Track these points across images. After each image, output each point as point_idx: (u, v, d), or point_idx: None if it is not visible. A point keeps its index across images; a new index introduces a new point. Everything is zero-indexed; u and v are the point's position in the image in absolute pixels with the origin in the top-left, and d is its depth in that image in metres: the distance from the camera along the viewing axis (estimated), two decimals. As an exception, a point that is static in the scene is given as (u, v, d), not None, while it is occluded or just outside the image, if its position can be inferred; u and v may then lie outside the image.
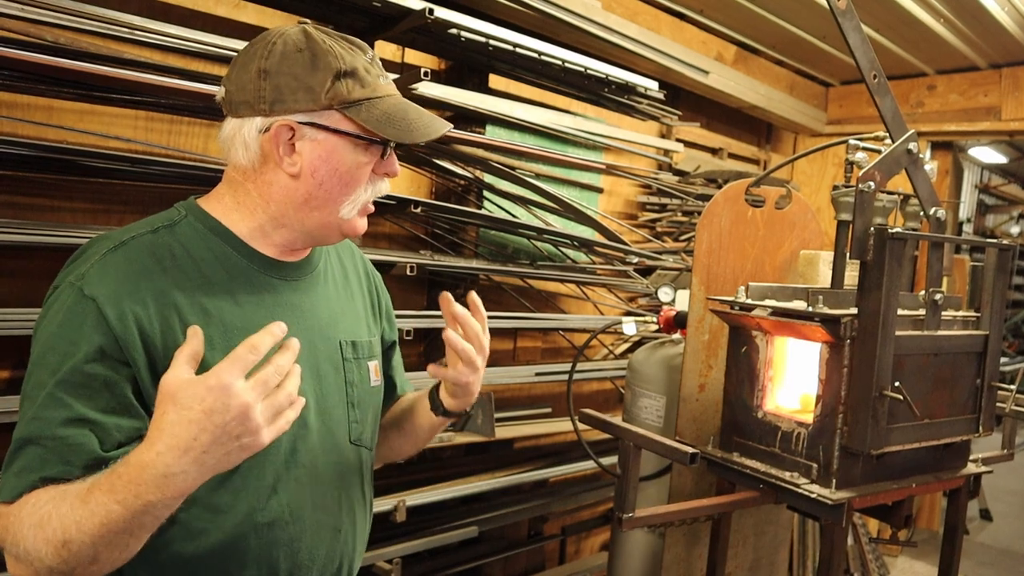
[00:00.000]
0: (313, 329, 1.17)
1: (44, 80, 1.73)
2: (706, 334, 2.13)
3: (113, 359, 0.97)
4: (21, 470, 0.93)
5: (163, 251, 1.06)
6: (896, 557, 4.36)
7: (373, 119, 1.07)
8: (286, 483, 1.09)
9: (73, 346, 0.96)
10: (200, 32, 1.92)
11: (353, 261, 1.36)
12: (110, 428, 0.95)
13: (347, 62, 1.07)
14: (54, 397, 0.94)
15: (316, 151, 1.07)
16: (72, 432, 0.93)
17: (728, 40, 3.91)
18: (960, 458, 1.96)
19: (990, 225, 9.65)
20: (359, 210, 1.13)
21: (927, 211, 1.83)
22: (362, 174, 1.10)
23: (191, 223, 1.11)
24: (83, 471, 0.92)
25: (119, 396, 0.97)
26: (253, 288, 1.11)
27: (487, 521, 2.64)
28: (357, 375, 1.22)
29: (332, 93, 1.05)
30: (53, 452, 0.93)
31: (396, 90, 1.15)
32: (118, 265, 1.02)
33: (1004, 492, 5.78)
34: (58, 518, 0.88)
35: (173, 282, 1.04)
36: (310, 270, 1.21)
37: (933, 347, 1.77)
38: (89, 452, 0.93)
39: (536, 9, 2.56)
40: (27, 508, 0.91)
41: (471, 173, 2.66)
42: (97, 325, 0.97)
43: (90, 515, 0.86)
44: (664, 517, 1.73)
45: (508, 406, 3.00)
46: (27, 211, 1.85)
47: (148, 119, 2.05)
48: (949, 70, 4.22)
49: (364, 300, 1.33)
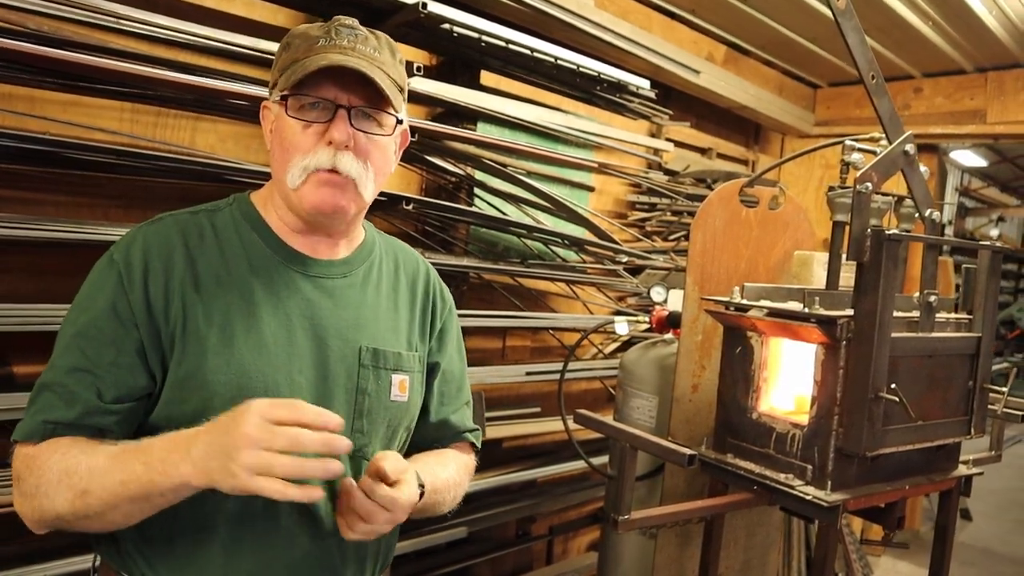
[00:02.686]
0: (328, 328, 1.15)
1: (26, 69, 1.68)
2: (699, 334, 2.12)
3: (123, 319, 1.05)
4: (34, 412, 1.03)
5: (192, 230, 1.12)
6: (879, 557, 4.39)
7: (286, 78, 1.09)
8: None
9: (93, 302, 1.06)
10: (188, 23, 1.88)
11: (414, 274, 1.32)
12: (108, 381, 1.03)
13: (293, 34, 1.13)
14: (68, 347, 1.04)
15: (275, 124, 1.13)
16: (74, 380, 1.02)
17: (719, 40, 3.91)
18: (951, 459, 1.96)
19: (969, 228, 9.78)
20: (303, 180, 1.09)
21: (922, 213, 1.82)
22: (299, 140, 1.09)
23: (233, 211, 1.17)
24: (80, 416, 1.01)
25: (124, 353, 1.04)
26: (270, 278, 1.13)
27: (476, 522, 2.61)
28: (373, 384, 1.17)
29: (278, 65, 1.13)
30: (59, 397, 1.02)
31: (339, 52, 1.08)
32: (147, 237, 1.10)
33: (983, 491, 5.83)
34: (87, 470, 0.96)
35: (191, 259, 1.10)
36: (345, 272, 1.19)
37: (927, 349, 1.77)
38: (87, 400, 1.02)
39: (529, 5, 2.53)
40: (56, 455, 0.98)
41: (462, 170, 2.63)
42: (116, 286, 1.06)
43: (114, 471, 0.95)
44: (659, 519, 1.71)
45: (497, 405, 2.98)
46: (8, 204, 1.80)
47: (134, 111, 2.00)
48: (935, 73, 4.25)
49: (412, 316, 1.28)
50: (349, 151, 1.09)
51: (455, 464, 1.31)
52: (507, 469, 2.75)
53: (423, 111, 2.64)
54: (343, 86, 1.08)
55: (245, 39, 1.97)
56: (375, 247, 1.27)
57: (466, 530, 2.53)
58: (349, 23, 1.14)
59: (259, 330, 1.09)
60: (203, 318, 1.06)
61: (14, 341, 1.75)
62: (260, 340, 1.08)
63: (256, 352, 1.07)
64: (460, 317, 2.50)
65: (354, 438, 1.15)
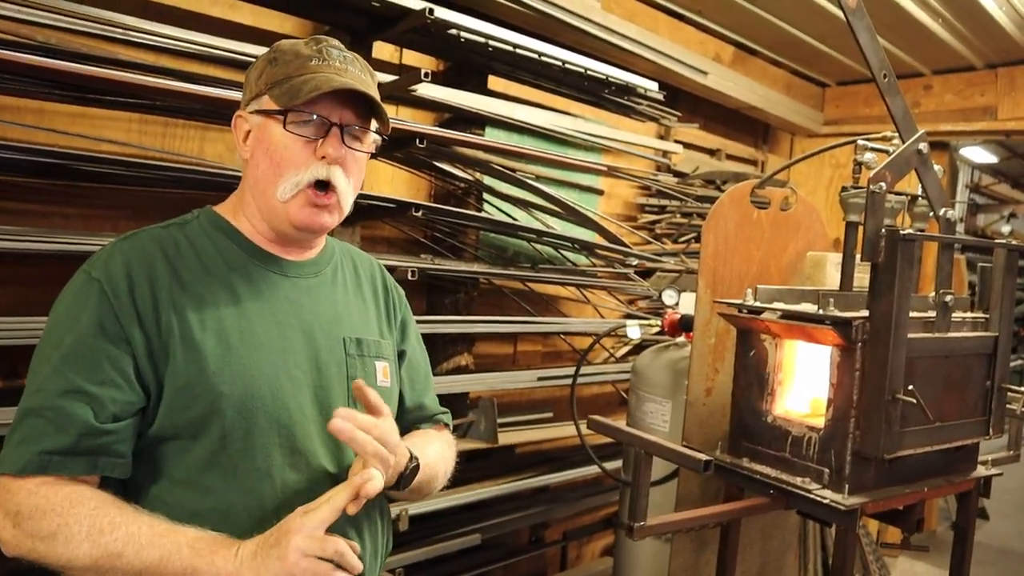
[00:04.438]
0: (313, 325, 1.19)
1: (35, 82, 1.68)
2: (712, 337, 2.10)
3: (112, 335, 1.04)
4: (21, 441, 1.00)
5: (168, 243, 1.14)
6: (896, 558, 4.35)
7: (281, 93, 1.12)
8: (280, 469, 1.10)
9: (76, 322, 1.04)
10: (195, 33, 1.88)
11: (371, 273, 1.38)
12: (105, 400, 1.02)
13: (280, 50, 1.16)
14: (55, 370, 1.02)
15: (257, 135, 1.16)
16: (68, 403, 1.00)
17: (726, 40, 3.89)
18: (970, 460, 1.94)
19: (981, 224, 9.68)
20: (293, 194, 1.14)
21: (937, 212, 1.80)
22: (291, 154, 1.13)
23: (202, 222, 1.20)
24: (77, 440, 1.00)
25: (116, 370, 1.03)
26: (252, 280, 1.16)
27: (489, 528, 2.60)
28: (361, 372, 1.23)
29: (264, 78, 1.15)
30: (51, 422, 1.00)
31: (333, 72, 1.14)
32: (124, 252, 1.10)
33: (999, 491, 5.75)
34: (126, 535, 0.97)
35: (173, 270, 1.11)
36: (316, 271, 1.25)
37: (944, 349, 1.75)
38: (83, 422, 1.00)
39: (536, 9, 2.52)
40: (84, 508, 0.98)
41: (471, 175, 2.63)
42: (99, 303, 1.05)
43: (155, 546, 0.97)
44: (675, 525, 1.70)
45: (509, 411, 2.97)
46: (18, 217, 1.80)
47: (142, 121, 2.00)
48: (945, 70, 4.22)
49: (377, 309, 1.35)
50: (339, 166, 1.15)
51: (439, 441, 1.38)
52: (520, 475, 2.73)
53: (431, 117, 2.63)
54: (337, 105, 1.14)
55: (253, 48, 1.96)
56: (335, 249, 1.33)
57: (479, 537, 2.51)
58: (336, 44, 1.19)
59: (252, 331, 1.12)
60: (196, 324, 1.08)
61: (25, 354, 1.74)
62: (256, 340, 1.12)
63: (254, 352, 1.11)
64: (471, 323, 2.51)
65: None
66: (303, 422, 1.13)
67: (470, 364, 2.72)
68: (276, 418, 1.10)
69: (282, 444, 1.10)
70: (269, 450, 1.09)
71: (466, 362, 2.70)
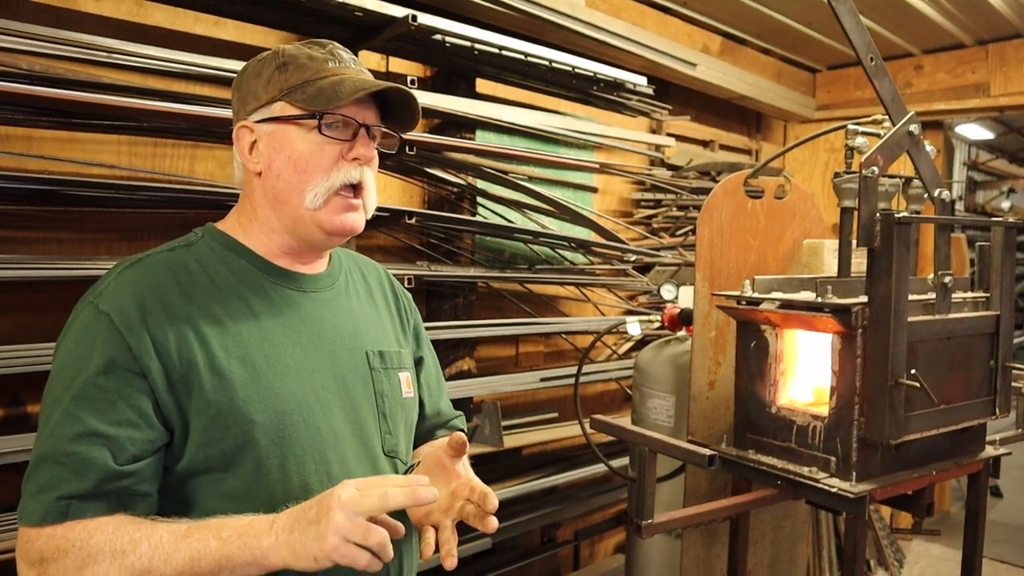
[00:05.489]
0: (335, 341, 1.16)
1: (22, 109, 1.68)
2: (712, 330, 2.10)
3: (126, 370, 0.98)
4: (39, 490, 0.94)
5: (178, 267, 1.08)
6: (910, 541, 4.33)
7: (308, 97, 1.08)
8: (316, 491, 1.03)
9: (86, 361, 0.98)
10: (180, 52, 1.88)
11: (379, 279, 1.35)
12: (123, 441, 0.96)
13: (288, 54, 1.11)
14: (68, 412, 0.96)
15: (271, 144, 1.10)
16: (84, 447, 0.95)
17: (713, 31, 3.88)
18: (977, 441, 1.93)
19: (980, 201, 9.65)
20: (325, 200, 1.10)
21: (931, 193, 1.79)
22: (319, 159, 1.09)
23: (208, 242, 1.13)
24: (98, 484, 0.94)
25: (133, 408, 0.97)
26: (269, 299, 1.12)
27: (500, 531, 2.58)
28: (387, 385, 1.21)
29: (275, 84, 1.09)
30: (67, 468, 0.94)
31: (356, 72, 1.13)
32: (133, 280, 1.04)
33: (1012, 467, 5.73)
34: (148, 548, 0.92)
35: (187, 295, 1.05)
36: (330, 283, 1.21)
37: (946, 331, 1.74)
38: (102, 466, 0.95)
39: (520, 10, 2.52)
40: (101, 536, 0.93)
41: (463, 180, 2.62)
42: (110, 338, 0.98)
43: (182, 548, 0.92)
44: (683, 521, 1.69)
45: (514, 413, 2.96)
46: (13, 245, 1.80)
47: (131, 143, 2.00)
48: (935, 49, 4.20)
49: (391, 316, 1.32)
50: (368, 166, 1.13)
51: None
52: (528, 477, 2.73)
53: (420, 123, 2.61)
54: (361, 106, 1.11)
55: (238, 64, 1.96)
56: (341, 258, 1.30)
57: (490, 541, 2.51)
58: (340, 45, 1.17)
59: (277, 353, 1.09)
60: (220, 350, 1.03)
61: (27, 381, 1.75)
62: (281, 363, 1.08)
63: (282, 376, 1.07)
64: (471, 327, 2.51)
65: (385, 440, 1.18)
66: (336, 445, 1.10)
67: (472, 368, 2.72)
68: (309, 443, 1.07)
69: (318, 469, 1.07)
70: (306, 477, 1.05)
71: (468, 366, 2.70)
